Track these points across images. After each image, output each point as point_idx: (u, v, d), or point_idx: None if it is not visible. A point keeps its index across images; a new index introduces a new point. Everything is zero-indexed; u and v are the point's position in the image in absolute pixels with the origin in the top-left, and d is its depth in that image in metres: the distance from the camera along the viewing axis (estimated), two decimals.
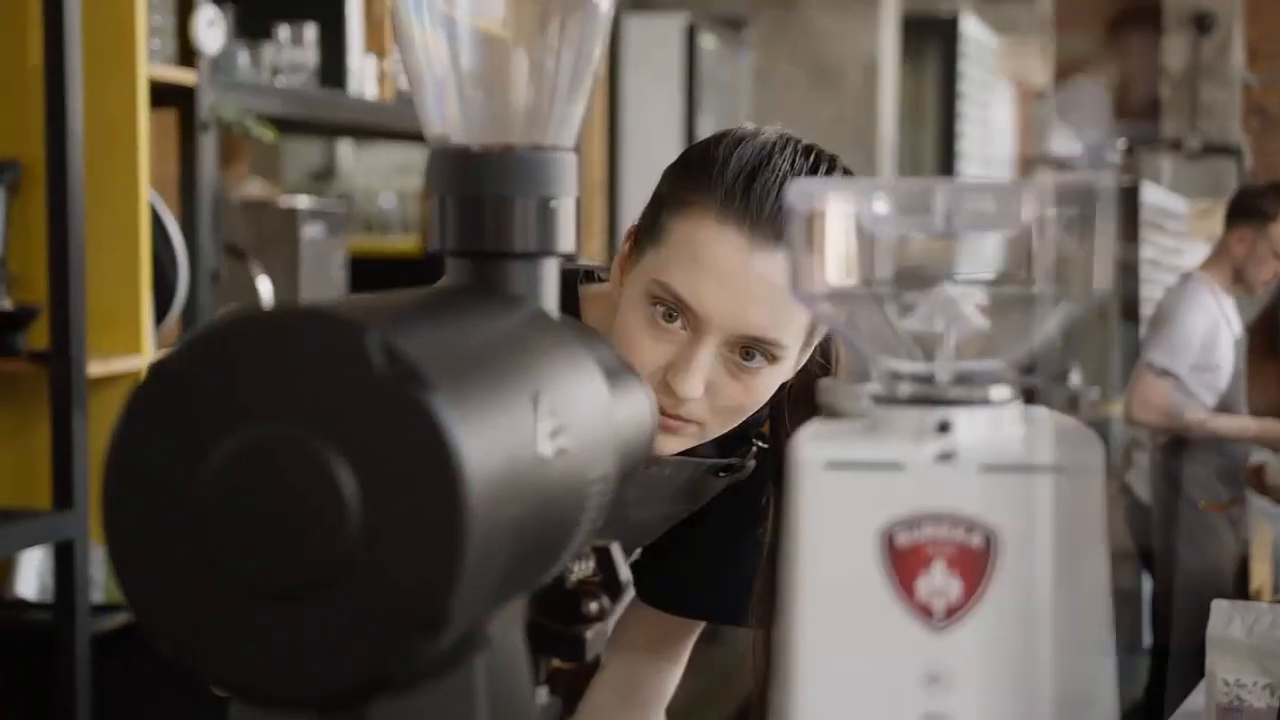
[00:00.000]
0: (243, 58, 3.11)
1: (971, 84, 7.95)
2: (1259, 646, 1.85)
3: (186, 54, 2.83)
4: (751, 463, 1.48)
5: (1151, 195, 7.42)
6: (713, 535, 1.54)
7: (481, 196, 0.82)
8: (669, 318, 1.29)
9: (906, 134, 7.27)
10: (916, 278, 0.75)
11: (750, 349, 1.30)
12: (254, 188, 4.20)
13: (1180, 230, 8.14)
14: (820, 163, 1.34)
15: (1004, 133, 9.48)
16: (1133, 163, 6.71)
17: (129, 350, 2.67)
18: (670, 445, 1.34)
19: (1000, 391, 0.72)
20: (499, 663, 0.71)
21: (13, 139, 2.61)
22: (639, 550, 1.53)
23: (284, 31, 3.22)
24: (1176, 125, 6.79)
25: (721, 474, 1.47)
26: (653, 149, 4.82)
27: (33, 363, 2.54)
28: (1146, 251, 7.04)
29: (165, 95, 2.80)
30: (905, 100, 7.02)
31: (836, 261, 0.73)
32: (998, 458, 0.70)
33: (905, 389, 0.73)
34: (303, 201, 3.41)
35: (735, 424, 1.35)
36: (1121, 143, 5.65)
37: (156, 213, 2.74)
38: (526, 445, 0.69)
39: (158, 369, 0.65)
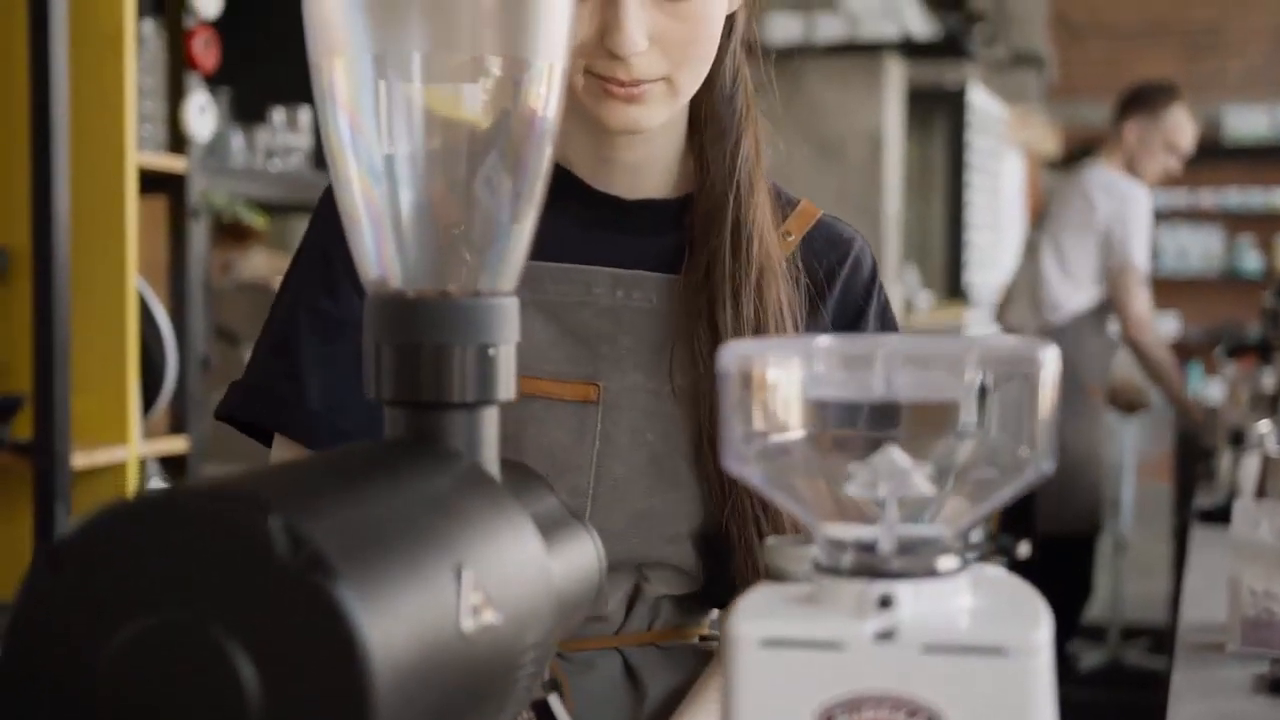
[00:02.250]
0: (237, 141, 3.11)
1: (980, 153, 7.94)
2: None
3: (178, 139, 2.82)
4: None
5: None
6: None
7: (419, 344, 0.79)
8: None
9: (914, 205, 7.26)
10: (858, 441, 0.72)
11: None
12: (259, 260, 4.19)
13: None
14: None
15: (1013, 200, 9.48)
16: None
17: (115, 440, 2.64)
18: (648, 115, 1.24)
19: (947, 561, 0.69)
20: None
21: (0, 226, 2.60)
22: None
23: (278, 115, 3.21)
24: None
25: None
26: None
27: (16, 454, 2.51)
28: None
29: (156, 181, 2.79)
30: (912, 171, 7.01)
31: (772, 424, 0.70)
32: (941, 636, 0.66)
33: (847, 559, 0.69)
34: None
35: (705, 67, 1.25)
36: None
37: (145, 300, 2.72)
38: (447, 623, 0.66)
39: (57, 550, 0.62)
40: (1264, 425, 3.09)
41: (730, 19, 1.29)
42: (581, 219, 1.32)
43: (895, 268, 6.10)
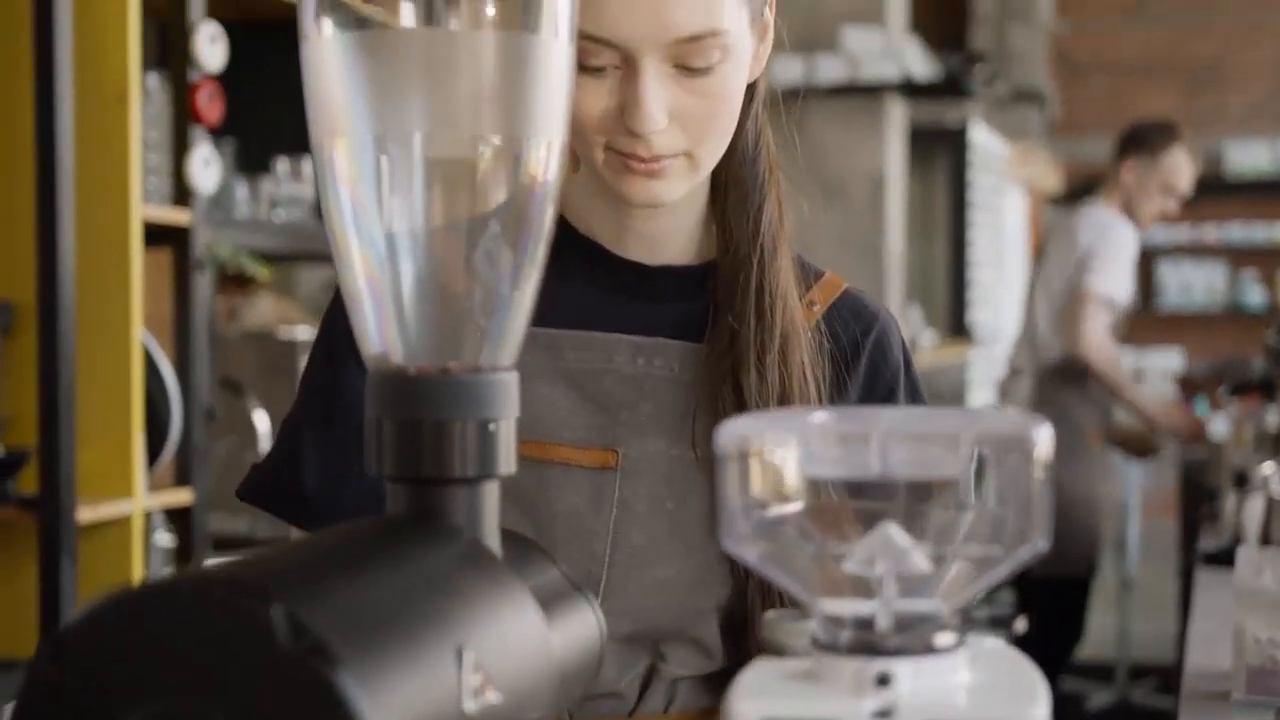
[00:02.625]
0: (241, 191, 3.12)
1: (982, 191, 7.97)
2: None
3: (182, 192, 2.84)
4: None
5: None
6: None
7: (419, 420, 0.80)
8: (597, 67, 1.17)
9: (917, 244, 7.28)
10: (855, 516, 0.72)
11: (692, 53, 1.17)
12: (265, 305, 4.20)
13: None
14: None
15: (1016, 238, 9.50)
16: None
17: (121, 493, 2.65)
18: (669, 190, 1.22)
19: (944, 638, 0.70)
20: None
21: (5, 281, 2.61)
22: None
23: (282, 165, 3.23)
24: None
25: None
26: None
27: (21, 509, 2.52)
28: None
29: (160, 234, 2.80)
30: (915, 210, 7.03)
31: (769, 501, 0.71)
32: (940, 715, 0.67)
33: (845, 635, 0.70)
34: (303, 332, 3.40)
35: (725, 140, 1.23)
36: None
37: (149, 353, 2.73)
38: (449, 706, 0.66)
39: (59, 639, 0.62)
40: (1268, 467, 3.09)
41: (752, 86, 1.28)
42: (603, 285, 1.31)
43: (899, 307, 6.11)
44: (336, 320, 1.30)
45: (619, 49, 1.16)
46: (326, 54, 0.80)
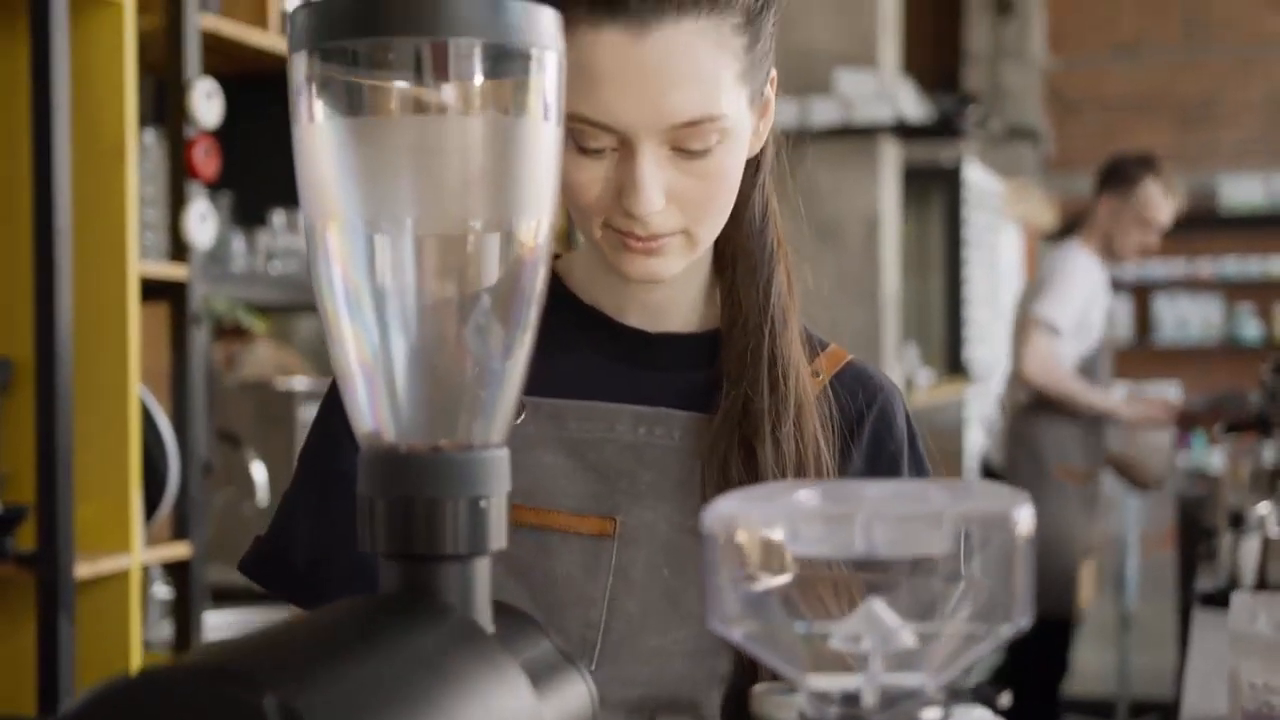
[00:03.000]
0: (238, 243, 3.14)
1: (977, 228, 7.99)
2: None
3: (179, 247, 2.85)
4: None
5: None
6: None
7: (411, 498, 0.81)
8: (596, 149, 1.18)
9: (911, 284, 7.30)
10: (842, 593, 0.73)
11: (689, 136, 1.17)
12: (264, 352, 4.21)
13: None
14: None
15: (1011, 274, 9.53)
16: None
17: (118, 549, 2.65)
18: (666, 266, 1.23)
19: (930, 713, 0.71)
20: None
21: (3, 338, 2.62)
22: None
23: (278, 217, 3.25)
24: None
25: None
26: None
27: (19, 565, 2.52)
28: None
29: (157, 289, 2.82)
30: (910, 248, 7.05)
31: (755, 580, 0.72)
32: None
33: (832, 711, 0.71)
34: (300, 383, 3.41)
35: (723, 218, 1.24)
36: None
37: (147, 407, 2.74)
38: None
39: None
40: (1264, 507, 3.10)
41: (756, 159, 1.29)
42: (606, 354, 1.32)
43: (895, 347, 6.12)
44: (336, 399, 1.32)
45: (616, 133, 1.17)
46: (319, 139, 0.81)
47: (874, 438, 1.34)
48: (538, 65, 0.82)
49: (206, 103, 2.84)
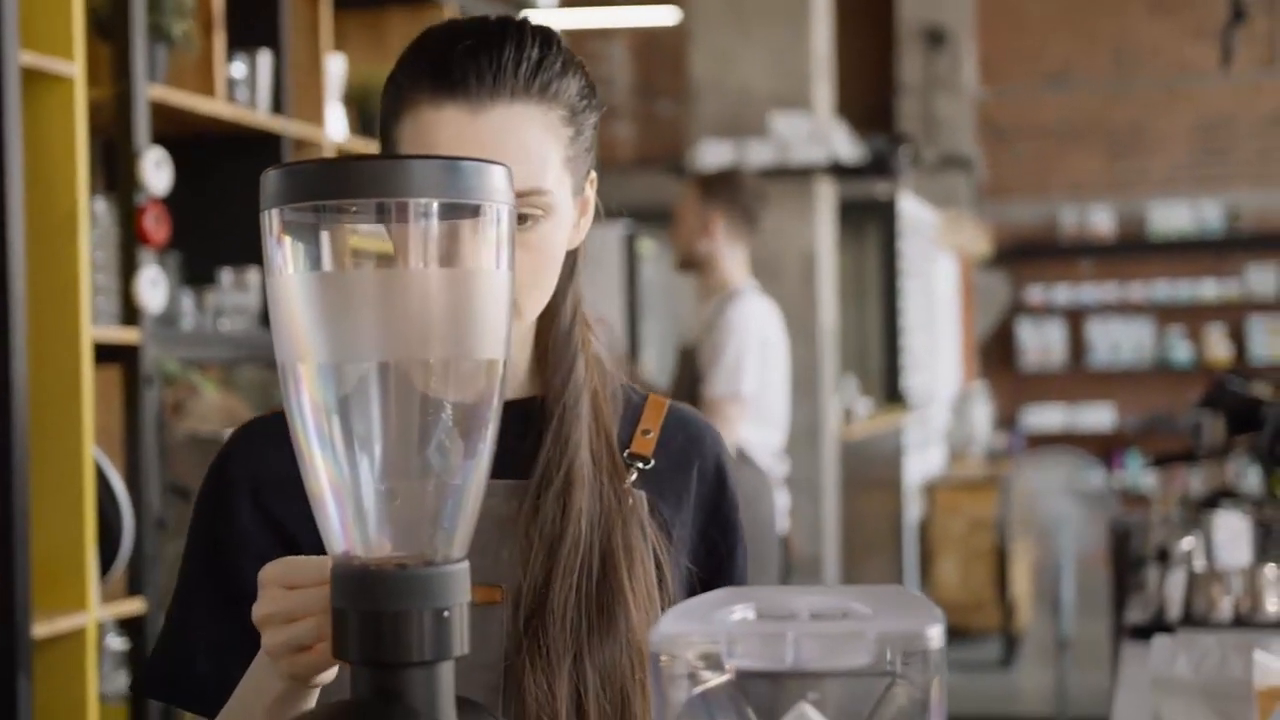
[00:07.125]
0: (187, 303, 3.20)
1: (912, 259, 8.12)
2: (1210, 685, 1.68)
3: (130, 311, 2.91)
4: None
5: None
6: None
7: (380, 612, 0.89)
8: None
9: (850, 315, 7.41)
10: (776, 700, 0.82)
11: (520, 205, 1.21)
12: (211, 399, 4.24)
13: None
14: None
15: (948, 301, 9.68)
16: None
17: (74, 608, 2.71)
18: None
19: None
20: None
21: None
22: None
23: (227, 276, 3.31)
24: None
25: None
26: None
27: None
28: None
29: (110, 352, 2.88)
30: (846, 281, 7.17)
31: (694, 692, 0.81)
32: None
33: None
34: None
35: (546, 295, 1.29)
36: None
37: (101, 467, 2.80)
38: None
39: None
40: (1188, 542, 3.19)
41: (571, 255, 1.35)
42: None
43: (833, 380, 6.23)
44: (218, 482, 1.32)
45: None
46: (291, 289, 0.90)
47: (699, 481, 1.39)
48: (491, 219, 0.91)
49: (156, 171, 2.91)
